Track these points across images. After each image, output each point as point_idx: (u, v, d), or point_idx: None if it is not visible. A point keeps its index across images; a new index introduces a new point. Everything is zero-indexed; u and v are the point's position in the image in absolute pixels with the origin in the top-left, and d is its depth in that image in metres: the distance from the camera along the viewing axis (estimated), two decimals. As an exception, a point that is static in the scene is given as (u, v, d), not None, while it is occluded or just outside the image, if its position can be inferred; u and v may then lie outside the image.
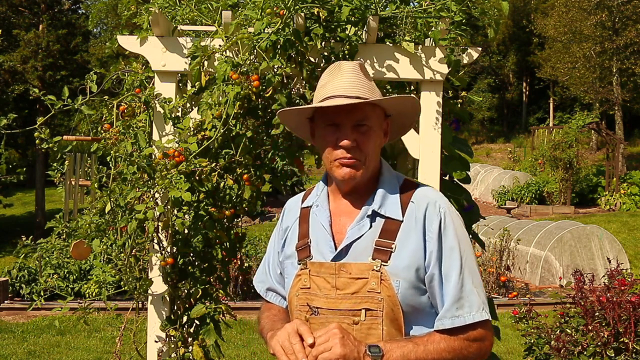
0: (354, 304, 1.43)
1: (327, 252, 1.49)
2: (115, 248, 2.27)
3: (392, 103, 1.54)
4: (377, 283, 1.42)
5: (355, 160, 1.46)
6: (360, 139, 1.46)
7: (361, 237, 1.47)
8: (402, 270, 1.43)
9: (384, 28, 2.39)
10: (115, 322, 6.90)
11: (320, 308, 1.46)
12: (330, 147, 1.48)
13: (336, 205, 1.56)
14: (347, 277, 1.45)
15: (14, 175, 2.81)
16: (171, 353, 2.30)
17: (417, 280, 1.44)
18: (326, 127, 1.49)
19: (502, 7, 2.19)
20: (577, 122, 16.69)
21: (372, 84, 1.53)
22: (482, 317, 1.43)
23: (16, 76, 17.50)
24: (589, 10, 21.34)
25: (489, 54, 33.28)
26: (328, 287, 1.46)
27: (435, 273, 1.44)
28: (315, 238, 1.53)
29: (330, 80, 1.51)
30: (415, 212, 1.48)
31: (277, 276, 1.68)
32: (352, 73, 1.49)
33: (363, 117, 1.47)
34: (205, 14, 2.41)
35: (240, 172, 2.25)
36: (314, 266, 1.50)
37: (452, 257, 1.44)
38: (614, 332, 4.04)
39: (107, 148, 2.29)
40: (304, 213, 1.61)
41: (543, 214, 15.56)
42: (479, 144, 31.14)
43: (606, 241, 9.79)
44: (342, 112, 1.46)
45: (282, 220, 1.68)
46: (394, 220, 1.47)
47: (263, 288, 1.72)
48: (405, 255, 1.44)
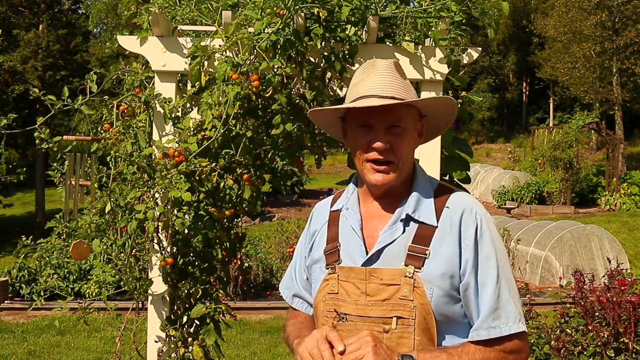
0: (384, 311, 1.37)
1: (358, 257, 1.44)
2: (115, 248, 2.27)
3: (428, 104, 1.48)
4: (410, 290, 1.36)
5: (388, 164, 1.41)
6: (393, 141, 1.41)
7: (393, 242, 1.42)
8: (436, 277, 1.37)
9: (384, 28, 2.39)
10: (115, 322, 6.90)
11: (348, 314, 1.41)
12: (363, 148, 1.43)
13: (367, 208, 1.50)
14: (378, 283, 1.39)
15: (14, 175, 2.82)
16: (171, 353, 2.30)
17: (451, 289, 1.38)
18: (358, 127, 1.44)
19: (502, 7, 2.19)
20: (577, 122, 16.69)
21: (407, 82, 1.47)
22: (519, 328, 1.38)
23: (16, 76, 17.50)
24: (589, 10, 21.34)
25: (489, 54, 33.29)
26: (357, 293, 1.40)
27: (470, 282, 1.38)
28: (344, 242, 1.48)
29: (363, 78, 1.45)
30: (450, 218, 1.43)
31: (304, 282, 1.62)
32: (386, 72, 1.43)
33: (397, 118, 1.41)
34: (205, 14, 2.41)
35: (240, 172, 2.25)
36: (343, 271, 1.44)
37: (488, 265, 1.39)
38: (614, 332, 4.04)
39: (107, 148, 2.29)
40: (333, 216, 1.55)
41: (543, 214, 15.55)
42: (479, 144, 31.15)
43: (606, 241, 9.78)
44: (375, 113, 1.40)
45: (310, 223, 1.63)
46: (428, 226, 1.42)
47: (289, 294, 1.66)
48: (440, 262, 1.38)
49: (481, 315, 1.38)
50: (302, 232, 1.69)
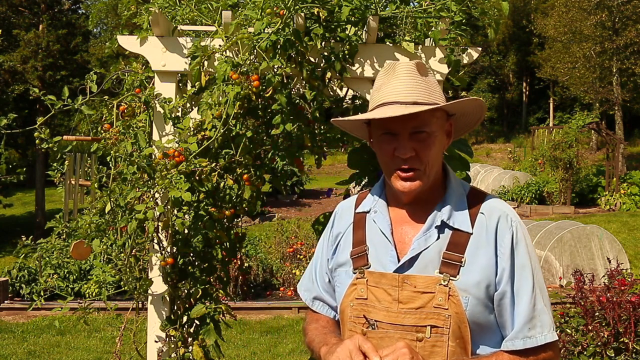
0: (418, 319, 1.34)
1: (388, 262, 1.40)
2: (115, 248, 2.27)
3: (453, 107, 1.43)
4: (445, 299, 1.33)
5: (415, 171, 1.37)
6: (419, 147, 1.36)
7: (427, 249, 1.38)
8: (472, 286, 1.34)
9: (384, 28, 2.39)
10: (115, 322, 6.91)
11: (379, 322, 1.37)
12: (388, 157, 1.39)
13: (396, 213, 1.46)
14: (411, 291, 1.35)
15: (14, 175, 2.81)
16: (171, 353, 2.30)
17: (486, 298, 1.36)
18: (382, 135, 1.40)
19: (502, 7, 2.19)
20: (577, 122, 16.69)
21: (431, 82, 1.42)
22: (554, 337, 1.37)
23: (16, 76, 17.50)
24: (589, 10, 21.34)
25: (489, 54, 33.29)
26: (389, 299, 1.36)
27: (507, 290, 1.36)
28: (373, 246, 1.44)
29: (384, 83, 1.41)
30: (486, 225, 1.39)
31: (325, 284, 1.58)
32: (407, 75, 1.39)
33: (421, 123, 1.36)
34: (205, 14, 2.41)
35: (240, 172, 2.25)
36: (372, 276, 1.40)
37: (524, 274, 1.37)
38: (614, 332, 4.04)
39: (107, 148, 2.29)
40: (359, 218, 1.50)
41: (543, 214, 15.55)
42: (479, 144, 31.15)
43: (606, 241, 9.78)
44: (398, 120, 1.35)
45: (333, 225, 1.58)
46: (463, 233, 1.38)
47: (309, 297, 1.61)
48: (476, 270, 1.35)
49: (517, 324, 1.35)
50: (322, 233, 1.64)
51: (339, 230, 1.54)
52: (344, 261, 1.48)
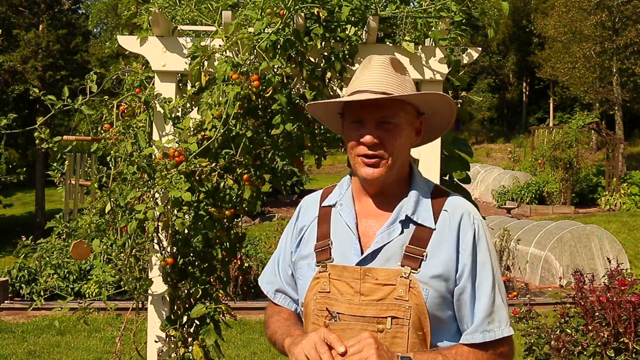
0: (379, 311, 1.36)
1: (352, 255, 1.42)
2: (115, 248, 2.27)
3: (420, 99, 1.45)
4: (405, 290, 1.36)
5: (378, 158, 1.40)
6: (384, 137, 1.39)
7: (390, 242, 1.41)
8: (432, 279, 1.37)
9: (384, 28, 2.39)
10: (115, 322, 6.90)
11: (341, 314, 1.39)
12: (354, 142, 1.42)
13: (362, 206, 1.48)
14: (372, 283, 1.38)
15: (14, 175, 2.82)
16: (171, 353, 2.31)
17: (446, 291, 1.39)
18: (352, 123, 1.43)
19: (502, 7, 2.19)
20: (577, 122, 16.69)
21: (406, 79, 1.45)
22: (510, 332, 1.41)
23: (16, 76, 17.51)
24: (589, 10, 21.34)
25: (489, 54, 33.29)
26: (351, 292, 1.39)
27: (467, 286, 1.40)
28: (337, 239, 1.46)
29: (360, 74, 1.45)
30: (448, 222, 1.43)
31: (288, 277, 1.59)
32: (381, 67, 1.42)
33: (389, 114, 1.39)
34: (205, 14, 2.41)
35: (240, 172, 2.25)
36: (335, 269, 1.42)
37: (484, 271, 1.41)
38: (614, 332, 4.04)
39: (107, 148, 2.29)
40: (324, 212, 1.52)
41: (543, 214, 15.56)
42: (479, 144, 31.16)
43: (606, 241, 9.78)
44: (366, 108, 1.39)
45: (298, 218, 1.59)
46: (426, 228, 1.42)
47: (271, 289, 1.62)
48: (437, 265, 1.38)
49: (476, 319, 1.39)
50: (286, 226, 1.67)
51: (304, 223, 1.56)
52: (307, 254, 1.50)
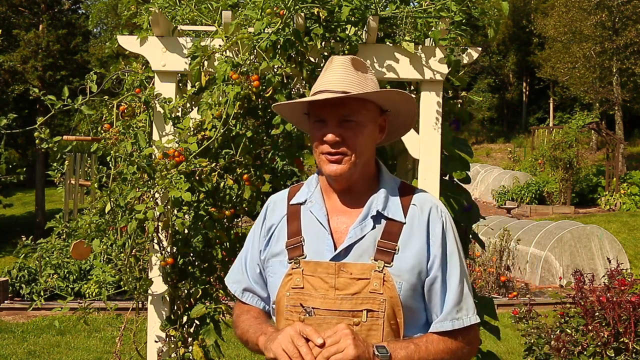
0: (355, 304, 1.40)
1: (325, 251, 1.45)
2: (115, 248, 2.27)
3: (377, 98, 1.48)
4: (380, 284, 1.40)
5: (340, 155, 1.43)
6: (346, 135, 1.43)
7: (363, 237, 1.44)
8: (405, 272, 1.42)
9: (384, 28, 2.39)
10: (115, 322, 6.91)
11: (316, 309, 1.42)
12: (317, 141, 1.46)
13: (331, 203, 1.52)
14: (347, 278, 1.41)
15: (14, 175, 2.82)
16: (171, 353, 2.31)
17: (417, 283, 1.44)
18: (315, 122, 1.47)
19: (502, 7, 2.19)
20: (577, 122, 16.70)
21: (367, 77, 1.49)
22: (477, 319, 1.48)
23: (16, 76, 17.50)
24: (589, 10, 21.34)
25: (489, 54, 33.29)
26: (325, 287, 1.42)
27: (438, 276, 1.45)
28: (309, 236, 1.48)
29: (321, 75, 1.50)
30: (417, 215, 1.48)
31: (256, 276, 1.60)
32: (341, 67, 1.46)
33: (350, 112, 1.43)
34: (205, 14, 2.41)
35: (240, 172, 2.25)
36: (308, 265, 1.45)
37: (452, 261, 1.47)
38: (614, 332, 4.04)
39: (107, 148, 2.29)
40: (293, 210, 1.55)
41: (543, 214, 15.56)
42: (479, 144, 31.15)
43: (606, 241, 9.79)
44: (327, 107, 1.43)
45: (266, 217, 1.61)
46: (396, 222, 1.46)
47: (239, 288, 1.63)
48: (409, 257, 1.43)
49: (446, 308, 1.45)
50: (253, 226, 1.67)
51: (272, 222, 1.57)
52: (278, 251, 1.52)
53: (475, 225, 2.66)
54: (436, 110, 2.34)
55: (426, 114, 2.34)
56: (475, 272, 8.98)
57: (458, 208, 2.48)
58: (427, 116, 2.34)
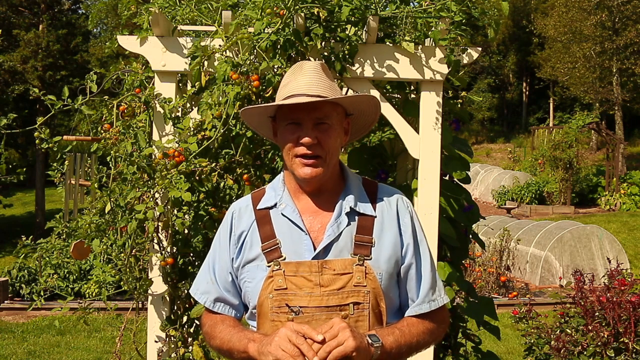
0: (341, 299, 1.45)
1: (304, 252, 1.48)
2: (115, 248, 2.27)
3: (352, 101, 1.56)
4: (362, 277, 1.47)
5: (316, 158, 1.48)
6: (321, 137, 1.48)
7: (341, 234, 1.50)
8: (383, 262, 1.50)
9: (384, 28, 2.39)
10: (115, 322, 6.90)
11: (304, 307, 1.45)
12: (292, 144, 1.49)
13: (302, 204, 1.55)
14: (331, 274, 1.46)
15: (14, 175, 2.81)
16: (171, 353, 2.31)
17: (394, 271, 1.52)
18: (287, 125, 1.51)
19: (502, 7, 2.19)
20: (577, 122, 16.69)
21: (334, 83, 1.56)
22: (447, 299, 1.60)
23: (16, 76, 17.50)
24: (589, 10, 21.33)
25: (489, 54, 33.28)
26: (310, 285, 1.45)
27: (412, 263, 1.55)
28: (284, 238, 1.51)
29: (292, 79, 1.53)
30: (386, 208, 1.56)
31: (228, 284, 1.59)
32: (314, 72, 1.52)
33: (324, 115, 1.49)
34: (205, 14, 2.41)
35: (240, 172, 2.25)
36: (289, 266, 1.47)
37: (423, 248, 1.58)
38: (614, 332, 4.04)
39: (107, 148, 2.29)
40: (262, 214, 1.56)
41: (543, 214, 15.55)
42: (479, 144, 31.14)
43: (606, 241, 9.79)
44: (303, 110, 1.48)
45: (233, 225, 1.60)
46: (368, 217, 1.53)
47: (209, 299, 1.60)
48: (384, 248, 1.51)
49: (422, 291, 1.55)
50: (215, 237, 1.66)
51: (242, 229, 1.58)
52: (254, 256, 1.53)
53: (475, 225, 2.66)
54: (436, 110, 2.34)
55: (426, 114, 2.34)
56: (475, 272, 8.98)
57: (458, 208, 2.48)
58: (427, 116, 2.34)
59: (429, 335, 1.54)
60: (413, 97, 2.56)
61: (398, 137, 2.42)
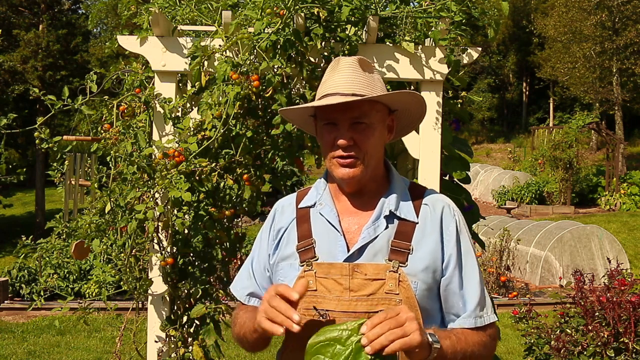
0: (370, 305, 1.38)
1: (338, 253, 1.43)
2: (115, 248, 2.27)
3: (391, 98, 1.48)
4: (395, 284, 1.38)
5: (353, 158, 1.42)
6: (357, 137, 1.42)
7: (377, 238, 1.43)
8: (420, 271, 1.41)
9: (384, 28, 2.39)
10: (115, 322, 6.90)
11: (331, 311, 1.40)
12: (328, 145, 1.44)
13: (341, 205, 1.51)
14: (362, 279, 1.39)
15: (14, 175, 2.81)
16: (171, 353, 2.31)
17: (432, 283, 1.43)
18: (325, 125, 1.45)
19: (502, 7, 2.19)
20: (577, 122, 16.69)
21: (374, 77, 1.48)
22: (496, 318, 1.50)
23: (16, 76, 17.49)
24: (589, 10, 21.33)
25: (489, 54, 33.28)
26: (340, 289, 1.40)
27: (455, 275, 1.44)
28: (320, 238, 1.47)
29: (329, 77, 1.48)
30: (430, 215, 1.47)
31: (265, 280, 1.58)
32: (350, 69, 1.45)
33: (360, 114, 1.42)
34: (205, 14, 2.41)
35: (240, 172, 2.25)
36: (321, 267, 1.43)
37: (468, 260, 1.47)
38: (614, 332, 4.04)
39: (107, 148, 2.29)
40: (302, 213, 1.53)
41: (543, 214, 15.55)
42: (479, 144, 31.13)
43: (606, 241, 9.78)
44: (338, 110, 1.42)
45: (274, 221, 1.59)
46: (409, 222, 1.45)
47: (244, 294, 1.60)
48: (423, 257, 1.42)
49: (469, 306, 1.45)
50: (259, 231, 1.65)
51: (281, 225, 1.56)
52: (288, 254, 1.50)
53: (475, 225, 2.66)
54: (436, 110, 2.34)
55: (426, 114, 2.34)
56: (475, 272, 8.98)
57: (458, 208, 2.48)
58: (427, 116, 2.33)
59: (483, 348, 1.44)
60: (413, 97, 2.56)
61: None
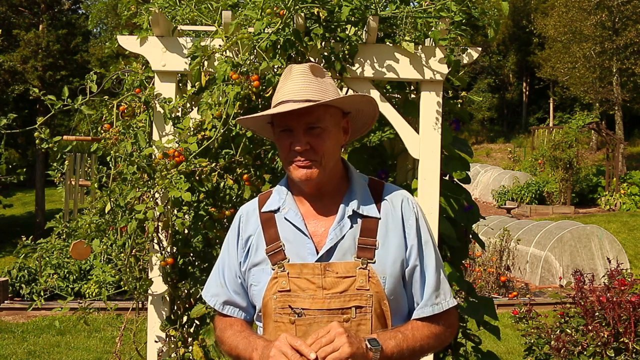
0: (343, 302, 1.44)
1: (307, 256, 1.48)
2: (115, 248, 2.27)
3: (343, 101, 1.52)
4: (365, 280, 1.45)
5: (310, 161, 1.47)
6: (313, 142, 1.46)
7: (344, 237, 1.48)
8: (388, 266, 1.48)
9: (384, 28, 2.39)
10: (115, 322, 6.90)
11: (306, 309, 1.45)
12: (286, 151, 1.49)
13: (305, 208, 1.54)
14: (334, 277, 1.45)
15: (14, 175, 2.82)
16: (171, 353, 2.31)
17: (400, 274, 1.50)
18: (281, 132, 1.50)
19: (502, 7, 2.19)
20: (577, 122, 16.69)
21: (326, 82, 1.53)
22: (454, 302, 1.55)
23: (16, 76, 17.49)
24: (589, 10, 21.33)
25: (489, 54, 33.28)
26: (313, 287, 1.45)
27: (417, 265, 1.51)
28: (288, 241, 1.51)
29: (283, 85, 1.52)
30: (390, 210, 1.53)
31: (237, 287, 1.60)
32: (301, 75, 1.49)
33: (315, 119, 1.46)
34: (205, 14, 2.41)
35: (240, 172, 2.25)
36: (293, 268, 1.47)
37: (427, 249, 1.54)
38: (614, 332, 4.04)
39: (107, 148, 2.29)
40: (267, 218, 1.56)
41: (543, 214, 15.55)
42: (479, 144, 31.14)
43: (606, 241, 9.79)
44: (293, 117, 1.46)
45: (240, 229, 1.61)
46: (372, 219, 1.51)
47: (219, 301, 1.62)
48: (389, 251, 1.49)
49: (425, 294, 1.52)
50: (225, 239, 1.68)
51: (249, 233, 1.58)
52: (259, 260, 1.54)
53: (475, 225, 2.66)
54: (436, 110, 2.34)
55: (426, 114, 2.34)
56: (475, 272, 8.97)
57: (458, 208, 2.48)
58: (427, 116, 2.34)
59: (435, 340, 1.51)
60: (413, 97, 2.57)
61: (398, 137, 2.42)
